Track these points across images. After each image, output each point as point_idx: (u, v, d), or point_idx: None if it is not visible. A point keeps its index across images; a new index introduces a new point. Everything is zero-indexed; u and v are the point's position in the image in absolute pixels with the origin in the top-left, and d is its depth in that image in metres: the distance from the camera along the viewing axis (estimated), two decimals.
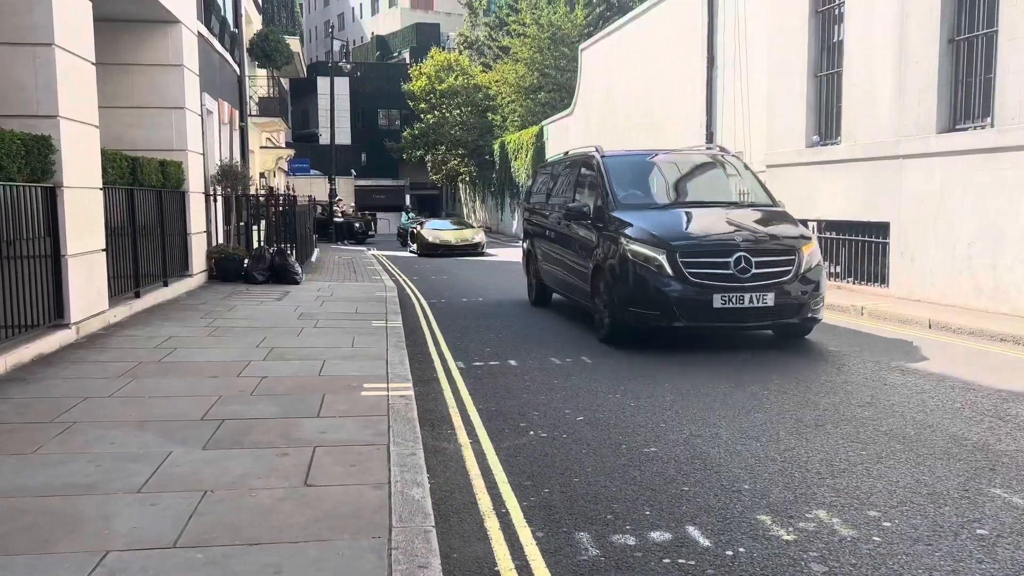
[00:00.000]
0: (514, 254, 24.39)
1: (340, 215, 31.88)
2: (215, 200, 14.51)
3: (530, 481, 4.50)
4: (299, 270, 14.20)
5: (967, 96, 10.66)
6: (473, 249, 24.91)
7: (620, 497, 4.24)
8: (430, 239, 24.97)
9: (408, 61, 53.12)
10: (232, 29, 17.73)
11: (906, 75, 11.30)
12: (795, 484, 4.39)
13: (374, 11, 69.48)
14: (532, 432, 5.45)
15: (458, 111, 42.76)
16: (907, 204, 11.34)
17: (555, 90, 35.45)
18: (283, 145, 31.37)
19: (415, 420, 5.22)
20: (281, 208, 16.96)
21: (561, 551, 3.62)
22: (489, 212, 41.95)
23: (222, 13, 16.19)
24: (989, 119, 10.19)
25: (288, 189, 19.25)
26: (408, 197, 45.07)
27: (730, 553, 3.56)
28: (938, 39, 10.78)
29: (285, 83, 39.07)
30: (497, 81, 38.95)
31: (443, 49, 48.57)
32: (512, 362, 7.84)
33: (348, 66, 35.81)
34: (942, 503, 4.09)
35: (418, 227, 26.39)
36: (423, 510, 3.69)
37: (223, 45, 16.23)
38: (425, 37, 56.43)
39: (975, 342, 8.70)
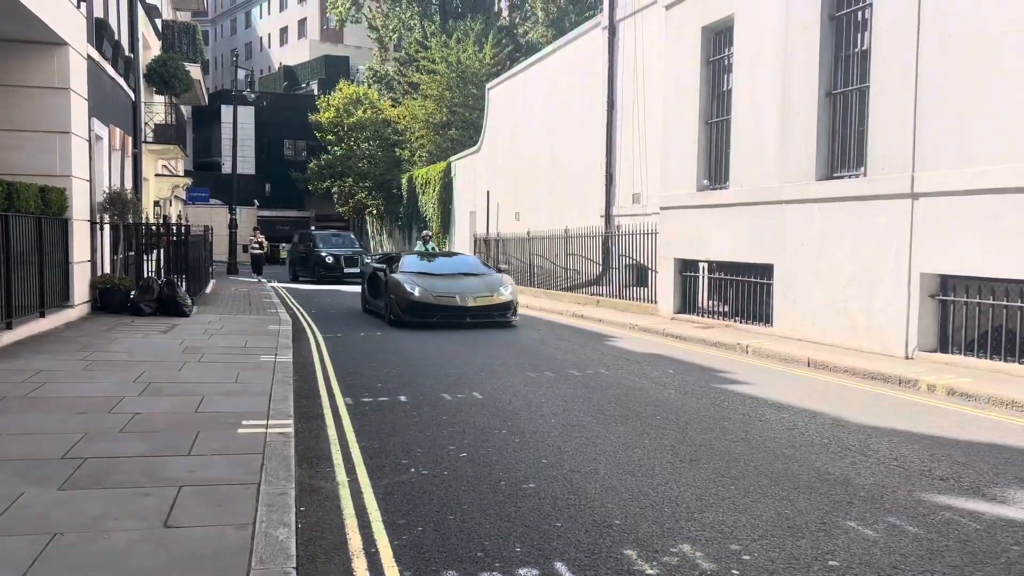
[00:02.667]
0: None
1: (258, 246, 30.58)
2: (102, 228, 13.95)
3: (404, 519, 4.45)
4: (189, 302, 13.76)
5: (843, 146, 11.31)
6: (501, 314, 14.06)
7: (493, 534, 4.24)
8: (416, 295, 13.68)
9: (316, 92, 52.71)
10: (127, 54, 17.22)
11: (788, 125, 11.92)
12: (664, 519, 4.48)
13: (283, 42, 68.88)
14: (413, 469, 5.41)
15: (366, 144, 42.60)
16: (790, 247, 11.88)
17: (464, 127, 35.78)
18: (181, 173, 30.49)
19: (291, 458, 5.11)
20: (174, 238, 16.44)
21: None
22: (396, 246, 41.72)
23: (116, 37, 15.72)
24: (863, 168, 10.82)
25: (180, 218, 18.65)
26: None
27: None
28: (817, 92, 11.42)
29: (187, 110, 38.14)
30: (406, 116, 39.06)
31: (352, 82, 48.42)
32: (402, 398, 7.78)
33: (253, 95, 35.17)
34: (800, 536, 4.25)
35: (384, 269, 15.04)
36: (286, 551, 3.60)
37: (116, 70, 15.74)
38: (334, 69, 56.16)
39: (849, 380, 9.13)
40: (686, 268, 14.75)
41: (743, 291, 13.23)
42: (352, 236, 32.88)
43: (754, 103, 12.69)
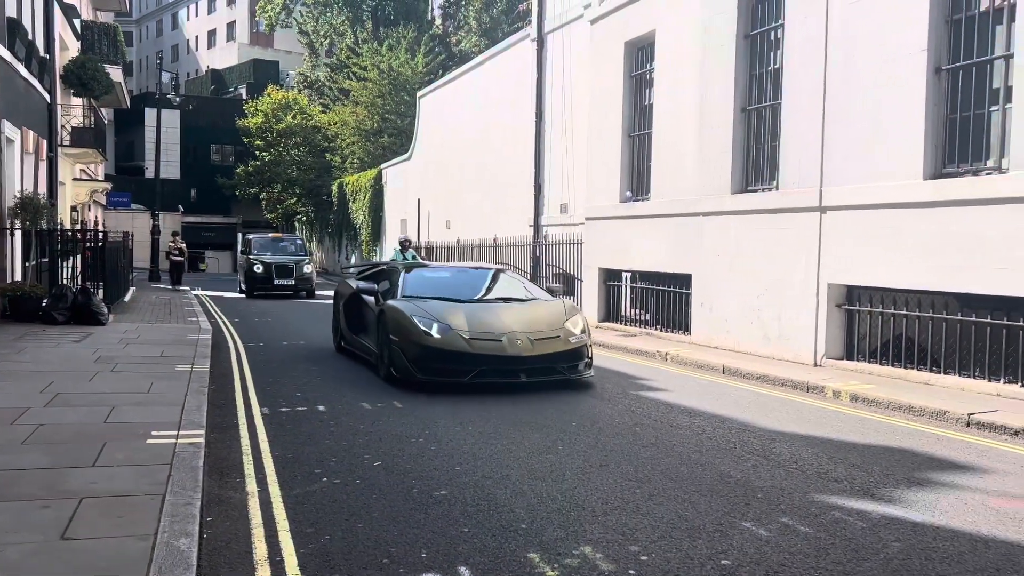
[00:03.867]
0: None
1: (178, 253, 26.39)
2: (12, 234, 13.49)
3: (312, 528, 4.47)
4: (105, 310, 13.40)
5: (758, 160, 11.72)
6: (571, 365, 9.15)
7: (400, 541, 4.29)
8: (437, 336, 8.76)
9: (245, 97, 51.81)
10: (42, 55, 16.70)
11: (706, 139, 12.28)
12: (569, 522, 4.60)
13: (211, 44, 67.53)
14: (326, 479, 5.41)
15: (296, 150, 42.06)
16: (706, 258, 12.24)
17: (396, 134, 35.66)
18: (101, 177, 29.60)
19: (199, 468, 5.06)
20: (91, 244, 15.98)
21: None
22: (327, 253, 41.29)
23: (29, 37, 15.24)
24: (775, 183, 11.23)
25: (97, 224, 18.10)
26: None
27: None
28: (732, 108, 11.81)
29: (109, 113, 37.07)
30: (337, 123, 38.73)
31: (282, 87, 47.79)
32: (321, 407, 7.75)
33: (178, 98, 34.41)
34: (697, 536, 4.42)
35: (374, 293, 10.26)
36: (186, 561, 3.59)
37: (30, 71, 15.26)
38: (263, 74, 55.30)
39: (761, 386, 9.45)
40: (610, 278, 15.03)
41: (664, 300, 13.55)
42: (301, 241, 28.19)
43: (674, 117, 13.04)
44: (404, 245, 17.72)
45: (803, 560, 4.10)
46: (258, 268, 24.11)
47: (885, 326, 9.76)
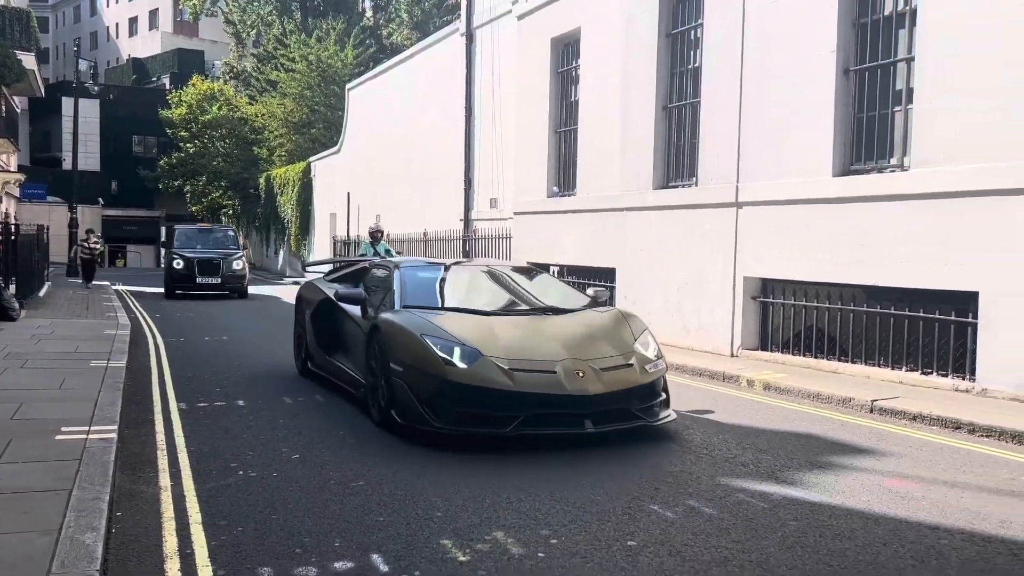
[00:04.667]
0: (285, 293, 23.75)
1: (89, 252, 23.58)
2: None
3: (225, 521, 4.46)
4: (16, 305, 12.94)
5: (678, 157, 12.00)
6: (646, 407, 6.56)
7: (314, 531, 4.32)
8: (462, 367, 6.11)
9: (168, 87, 50.37)
10: None
11: (629, 135, 12.52)
12: (484, 509, 4.69)
13: (132, 32, 65.42)
14: (242, 472, 5.39)
15: (222, 142, 41.13)
16: (630, 252, 12.49)
17: (326, 127, 35.20)
18: (13, 168, 28.46)
19: (110, 464, 4.99)
20: (1, 237, 15.39)
21: None
22: (254, 248, 40.52)
23: None
24: (695, 179, 11.53)
25: (8, 216, 17.40)
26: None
27: None
28: (654, 105, 12.07)
29: (23, 102, 35.67)
30: (264, 115, 38.02)
31: (207, 78, 46.63)
32: (240, 402, 7.68)
33: (97, 87, 33.26)
34: (606, 519, 4.56)
35: (360, 301, 7.63)
36: (91, 555, 3.56)
37: None
38: (187, 64, 53.83)
39: (681, 376, 9.69)
40: None
41: None
42: (233, 232, 24.88)
43: (598, 114, 13.25)
44: (376, 236, 14.52)
45: (704, 540, 4.27)
46: (178, 264, 21.11)
47: (797, 317, 10.13)
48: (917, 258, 8.49)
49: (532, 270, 8.70)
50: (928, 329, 8.60)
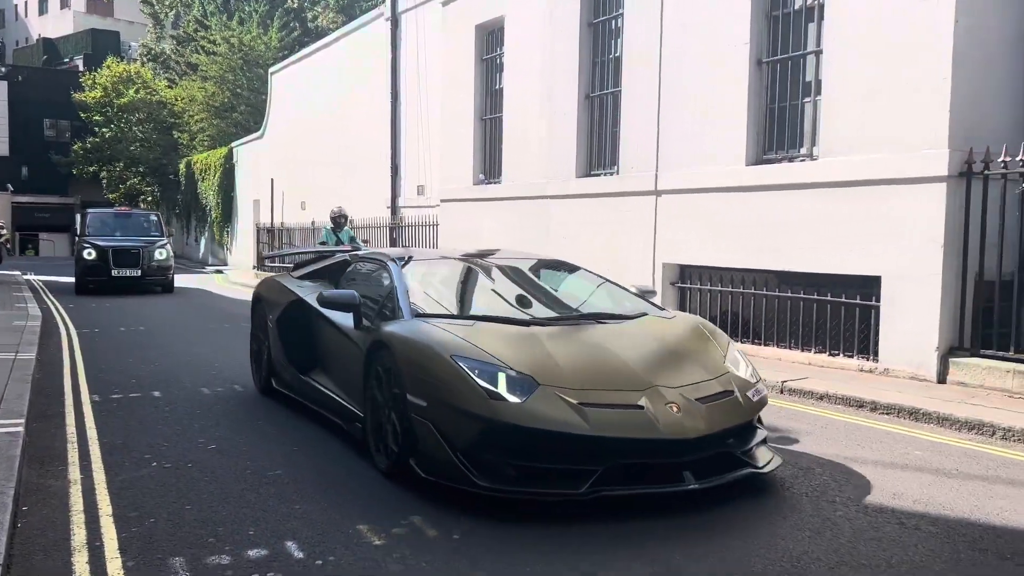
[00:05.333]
0: (205, 282, 23.19)
1: None
2: None
3: (136, 512, 4.40)
4: None
5: (600, 146, 12.18)
6: (747, 449, 4.97)
7: (229, 520, 4.30)
8: (516, 401, 4.46)
9: (82, 69, 48.46)
10: None
11: (552, 124, 12.64)
12: (405, 495, 4.73)
13: (42, 11, 62.59)
14: (156, 464, 5.32)
15: (139, 127, 39.82)
16: (554, 240, 12.63)
17: (250, 111, 34.41)
18: None
19: (16, 458, 4.86)
20: None
21: None
22: (174, 235, 39.44)
23: None
24: (616, 167, 11.73)
25: None
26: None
27: (320, 562, 3.79)
28: (577, 94, 12.21)
29: None
30: (184, 98, 36.94)
31: (123, 60, 45.03)
32: (156, 393, 7.54)
33: (3, 68, 31.84)
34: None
35: (353, 306, 5.75)
36: None
37: None
38: (102, 45, 51.84)
39: None
40: None
41: None
42: (156, 218, 22.00)
43: (522, 102, 13.33)
44: (338, 222, 12.44)
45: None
46: (89, 254, 18.61)
47: (713, 302, 10.44)
48: (825, 244, 8.84)
49: (561, 264, 7.15)
50: (835, 313, 8.98)
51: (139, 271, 18.82)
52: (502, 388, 4.49)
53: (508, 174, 13.82)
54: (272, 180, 27.12)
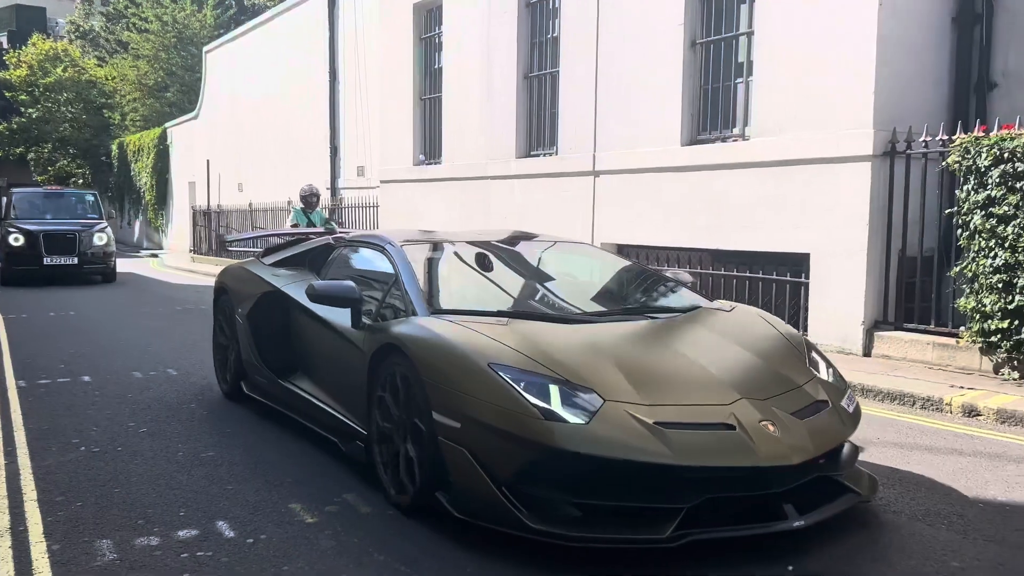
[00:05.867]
0: (139, 266, 22.60)
1: None
2: None
3: (63, 497, 4.32)
4: None
5: (540, 126, 12.22)
6: (839, 473, 4.07)
7: (159, 503, 4.26)
8: (587, 428, 3.48)
9: (6, 46, 46.55)
10: None
11: (492, 104, 12.63)
12: (338, 474, 4.74)
13: None
14: (84, 448, 5.21)
15: (68, 107, 38.49)
16: (495, 219, 12.65)
17: (184, 91, 33.51)
18: None
19: None
20: None
21: (74, 560, 3.56)
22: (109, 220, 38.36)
23: None
24: (555, 148, 11.78)
25: None
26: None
27: (251, 540, 3.78)
28: (516, 74, 12.21)
29: None
30: (115, 77, 35.81)
31: (49, 37, 43.39)
32: (86, 378, 7.37)
33: None
34: None
35: (353, 300, 4.74)
36: None
37: None
38: (27, 21, 49.79)
39: None
40: None
41: None
42: (93, 198, 20.12)
43: (462, 83, 13.28)
44: (309, 201, 10.95)
45: None
46: (16, 240, 16.62)
47: None
48: (758, 223, 9.04)
49: (588, 247, 6.52)
50: (767, 289, 9.20)
51: (76, 259, 16.93)
52: (556, 405, 3.53)
53: (449, 155, 13.78)
54: (208, 161, 26.55)
